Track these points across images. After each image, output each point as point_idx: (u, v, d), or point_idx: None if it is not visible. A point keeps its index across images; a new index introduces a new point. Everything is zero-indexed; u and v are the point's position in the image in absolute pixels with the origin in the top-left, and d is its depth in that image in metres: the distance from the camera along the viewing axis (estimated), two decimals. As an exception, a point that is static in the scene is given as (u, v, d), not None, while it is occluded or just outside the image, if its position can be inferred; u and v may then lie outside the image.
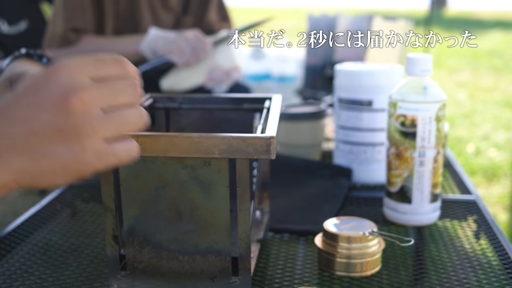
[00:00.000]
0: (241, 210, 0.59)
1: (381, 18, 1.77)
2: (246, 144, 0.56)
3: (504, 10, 12.45)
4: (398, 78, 0.95)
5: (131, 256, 0.62)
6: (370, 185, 1.00)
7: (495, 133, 3.65)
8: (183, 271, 0.62)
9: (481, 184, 2.79)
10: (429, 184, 0.80)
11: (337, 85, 1.00)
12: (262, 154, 0.56)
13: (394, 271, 0.70)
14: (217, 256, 0.61)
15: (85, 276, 0.70)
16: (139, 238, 0.61)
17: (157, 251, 0.62)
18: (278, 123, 0.63)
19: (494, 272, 0.70)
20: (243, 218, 0.60)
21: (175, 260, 0.62)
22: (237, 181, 0.59)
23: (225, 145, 0.56)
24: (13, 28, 1.74)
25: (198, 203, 0.59)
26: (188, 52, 1.40)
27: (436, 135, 0.79)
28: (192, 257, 0.62)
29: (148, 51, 1.43)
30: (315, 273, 0.70)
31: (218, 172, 0.58)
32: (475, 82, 5.29)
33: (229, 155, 0.57)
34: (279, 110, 0.69)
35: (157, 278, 0.62)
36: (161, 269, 0.62)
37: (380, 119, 0.96)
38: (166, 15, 1.64)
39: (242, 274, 0.62)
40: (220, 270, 0.62)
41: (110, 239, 0.61)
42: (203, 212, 0.60)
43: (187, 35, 1.41)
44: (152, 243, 0.61)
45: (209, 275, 0.62)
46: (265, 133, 0.58)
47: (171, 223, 0.60)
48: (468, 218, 0.87)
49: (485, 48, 7.03)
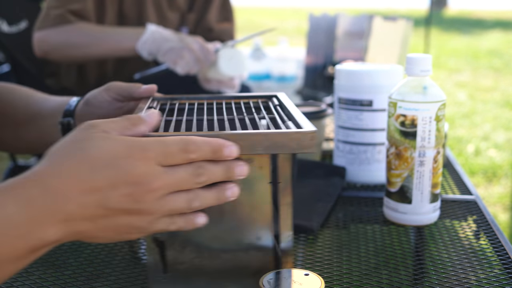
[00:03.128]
0: (283, 204, 0.60)
1: (381, 18, 1.77)
2: (290, 139, 0.56)
3: (504, 10, 12.45)
4: (398, 78, 0.95)
5: (172, 258, 0.61)
6: (370, 185, 1.00)
7: (495, 133, 3.65)
8: (225, 269, 0.62)
9: (481, 184, 2.79)
10: (429, 184, 0.80)
11: (337, 85, 1.00)
12: (305, 148, 0.57)
13: (394, 271, 0.70)
14: (259, 251, 0.62)
15: (85, 276, 0.70)
16: (181, 239, 0.61)
17: (199, 251, 0.61)
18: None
19: (494, 272, 0.70)
20: (285, 213, 0.61)
21: (217, 259, 0.62)
22: (279, 176, 0.59)
23: (269, 141, 0.56)
24: (13, 28, 1.74)
25: (240, 200, 0.59)
26: (192, 63, 1.35)
27: (436, 135, 0.79)
28: (235, 254, 0.62)
29: (144, 51, 1.37)
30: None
31: (260, 168, 0.59)
32: (475, 82, 5.29)
33: (273, 151, 0.57)
34: (295, 106, 0.69)
35: (199, 278, 0.62)
36: (203, 268, 0.62)
37: (380, 119, 0.96)
38: (173, 14, 1.62)
39: (284, 268, 0.62)
40: (263, 265, 0.62)
41: (151, 243, 0.60)
42: (245, 208, 0.60)
43: (191, 46, 1.35)
44: (194, 243, 0.61)
45: (251, 271, 0.62)
46: (304, 128, 0.58)
47: (214, 222, 0.60)
48: (468, 218, 0.87)
49: (485, 48, 7.03)
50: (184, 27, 1.66)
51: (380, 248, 0.77)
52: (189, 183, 0.50)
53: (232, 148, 0.51)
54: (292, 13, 11.47)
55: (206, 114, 0.67)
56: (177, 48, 1.34)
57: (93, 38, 1.43)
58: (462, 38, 8.03)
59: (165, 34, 1.38)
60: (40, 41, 1.46)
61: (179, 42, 1.36)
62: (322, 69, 1.87)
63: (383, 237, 0.81)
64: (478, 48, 7.07)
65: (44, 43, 1.46)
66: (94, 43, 1.43)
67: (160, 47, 1.36)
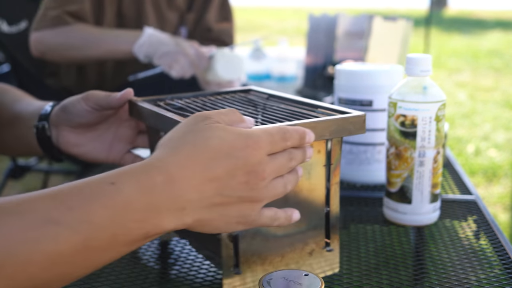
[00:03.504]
0: (333, 184, 0.64)
1: (381, 18, 1.77)
2: (349, 123, 0.61)
3: (504, 10, 12.46)
4: (398, 78, 0.95)
5: (243, 251, 0.62)
6: (370, 185, 1.00)
7: (495, 133, 3.65)
8: (285, 253, 0.64)
9: (481, 184, 2.79)
10: (429, 184, 0.80)
11: (337, 85, 1.00)
12: (360, 130, 0.62)
13: (394, 271, 0.70)
14: (314, 231, 0.65)
15: (85, 276, 0.70)
16: (252, 230, 0.62)
17: (266, 240, 0.63)
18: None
19: (494, 272, 0.70)
20: (335, 192, 0.65)
21: (280, 244, 0.64)
22: (332, 158, 0.63)
23: (334, 126, 0.60)
24: (13, 28, 1.74)
25: (301, 184, 0.62)
26: (186, 68, 1.36)
27: (436, 135, 0.79)
28: (294, 237, 0.64)
29: (141, 53, 1.37)
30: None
31: (318, 152, 0.62)
32: (475, 82, 5.29)
33: (337, 135, 0.61)
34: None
35: (264, 266, 0.64)
36: (267, 256, 0.64)
37: (380, 119, 0.96)
38: (172, 14, 1.62)
39: (333, 242, 0.67)
40: (316, 243, 0.66)
41: (226, 239, 0.61)
42: (304, 192, 0.63)
43: (187, 51, 1.35)
44: (263, 233, 0.63)
45: (307, 250, 0.65)
46: (352, 112, 0.63)
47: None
48: (468, 218, 0.87)
49: (485, 48, 7.03)
50: (183, 27, 1.66)
51: (380, 248, 0.77)
52: (285, 168, 0.54)
53: (311, 135, 0.56)
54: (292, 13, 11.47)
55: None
56: (173, 52, 1.35)
57: (90, 40, 1.43)
58: (462, 38, 8.03)
59: (162, 38, 1.38)
60: (37, 42, 1.46)
61: (175, 46, 1.36)
62: (322, 69, 1.87)
63: (383, 237, 0.81)
64: (478, 48, 7.08)
65: (40, 44, 1.46)
66: (90, 45, 1.43)
67: (156, 51, 1.36)
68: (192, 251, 0.76)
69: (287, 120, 0.62)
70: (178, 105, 0.74)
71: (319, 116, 0.64)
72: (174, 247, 0.78)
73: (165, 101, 0.75)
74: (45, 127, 0.77)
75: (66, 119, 0.76)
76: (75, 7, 1.44)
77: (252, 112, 0.69)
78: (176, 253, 0.76)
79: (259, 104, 0.74)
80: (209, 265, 0.72)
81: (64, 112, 0.76)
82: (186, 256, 0.75)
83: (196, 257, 0.75)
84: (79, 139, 0.77)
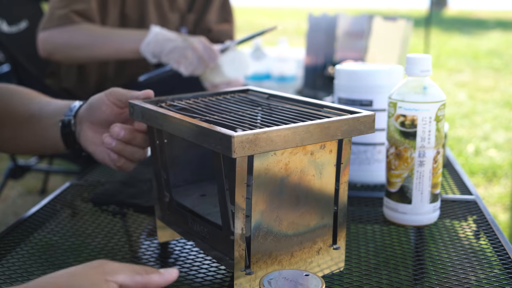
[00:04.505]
0: (342, 183, 0.65)
1: (381, 18, 1.77)
2: (360, 123, 0.62)
3: (504, 10, 12.45)
4: (398, 78, 0.95)
5: (255, 251, 0.62)
6: (370, 185, 1.00)
7: (495, 133, 3.65)
8: (294, 252, 0.65)
9: (481, 184, 2.79)
10: (429, 184, 0.80)
11: (337, 85, 1.00)
12: (370, 130, 0.63)
13: (394, 271, 0.70)
14: (322, 229, 0.66)
15: (85, 276, 0.70)
16: (264, 230, 0.62)
17: (277, 239, 0.63)
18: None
19: (494, 272, 0.70)
20: (343, 191, 0.66)
21: (289, 243, 0.64)
22: (342, 158, 0.64)
23: (346, 126, 0.61)
24: (13, 28, 1.74)
25: (312, 184, 0.63)
26: (195, 63, 1.33)
27: (436, 135, 0.79)
28: (303, 236, 0.65)
29: (148, 52, 1.36)
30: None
31: (330, 152, 0.63)
32: (475, 82, 5.29)
33: (348, 135, 0.62)
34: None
35: (273, 265, 0.64)
36: (277, 256, 0.64)
37: (380, 119, 0.96)
38: (173, 15, 1.62)
39: (340, 240, 0.67)
40: (324, 242, 0.67)
41: (239, 239, 0.61)
42: (315, 192, 0.64)
43: (195, 45, 1.33)
44: (274, 233, 0.63)
45: (315, 249, 0.66)
46: (362, 112, 0.63)
47: (291, 209, 0.63)
48: (468, 218, 0.87)
49: (485, 48, 7.03)
50: (183, 27, 1.66)
51: (380, 248, 0.77)
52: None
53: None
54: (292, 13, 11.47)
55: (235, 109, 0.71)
56: (180, 48, 1.33)
57: (97, 39, 1.42)
58: (462, 38, 8.03)
59: (169, 35, 1.36)
60: (44, 42, 1.46)
61: (183, 42, 1.34)
62: (322, 69, 1.87)
63: (383, 237, 0.81)
64: (478, 48, 7.07)
65: (48, 44, 1.46)
66: (98, 45, 1.42)
67: (163, 48, 1.34)
68: (192, 251, 0.76)
69: (298, 120, 0.62)
70: (181, 106, 0.74)
71: (329, 116, 0.64)
72: (174, 247, 0.78)
73: (166, 102, 0.75)
74: (71, 122, 0.80)
75: (89, 114, 0.79)
76: (82, 6, 1.44)
77: (256, 112, 0.69)
78: (176, 253, 0.76)
79: (263, 104, 0.74)
80: (209, 265, 0.72)
81: (89, 107, 0.79)
82: (186, 256, 0.75)
83: (196, 257, 0.75)
84: (96, 137, 0.80)
